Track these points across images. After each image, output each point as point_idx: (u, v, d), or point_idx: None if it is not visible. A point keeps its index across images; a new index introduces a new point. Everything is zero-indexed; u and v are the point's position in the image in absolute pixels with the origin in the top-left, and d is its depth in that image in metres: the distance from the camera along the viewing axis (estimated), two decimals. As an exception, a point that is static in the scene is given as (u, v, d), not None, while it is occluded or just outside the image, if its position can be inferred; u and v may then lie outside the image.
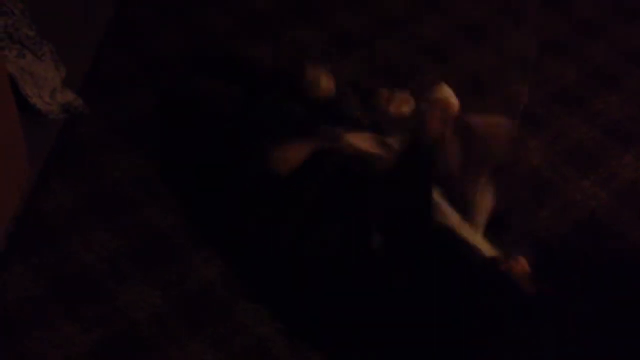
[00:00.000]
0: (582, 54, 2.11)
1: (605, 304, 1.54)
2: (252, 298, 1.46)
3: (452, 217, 1.34)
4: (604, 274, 1.60)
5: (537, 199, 1.72)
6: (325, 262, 1.33)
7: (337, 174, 1.37)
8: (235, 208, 1.51)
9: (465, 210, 1.37)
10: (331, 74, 1.54)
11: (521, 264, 1.28)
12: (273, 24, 2.08)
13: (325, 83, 1.51)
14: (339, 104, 1.54)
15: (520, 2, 2.24)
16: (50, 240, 1.52)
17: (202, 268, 1.50)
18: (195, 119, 1.77)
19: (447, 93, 1.34)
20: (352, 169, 1.37)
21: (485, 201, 1.39)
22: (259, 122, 1.50)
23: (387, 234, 1.29)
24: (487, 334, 1.30)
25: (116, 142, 1.72)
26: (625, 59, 2.12)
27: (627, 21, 2.23)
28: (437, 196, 1.35)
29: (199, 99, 1.81)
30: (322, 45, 2.03)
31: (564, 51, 2.11)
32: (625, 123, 1.93)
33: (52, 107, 1.64)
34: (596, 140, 1.87)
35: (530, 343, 1.42)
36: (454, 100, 1.32)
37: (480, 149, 1.38)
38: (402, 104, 1.54)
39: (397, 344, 1.29)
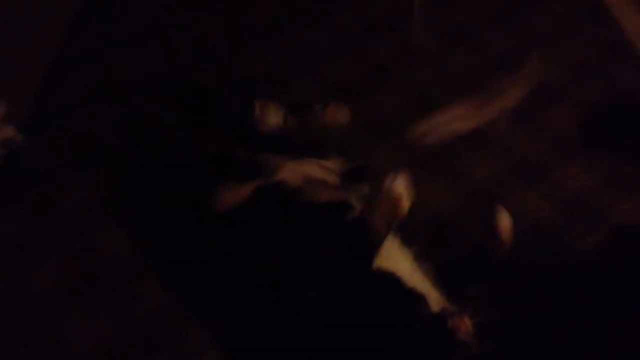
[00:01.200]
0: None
1: (552, 314, 1.57)
2: (202, 324, 1.47)
3: (402, 263, 1.34)
4: (551, 285, 1.63)
5: (482, 213, 1.74)
6: (267, 295, 1.35)
7: (276, 210, 1.38)
8: (180, 241, 1.53)
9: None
10: (280, 108, 1.53)
11: (465, 324, 1.28)
12: (223, 52, 2.10)
13: (274, 118, 1.51)
14: (282, 131, 1.56)
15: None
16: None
17: (151, 295, 1.50)
18: (146, 150, 1.79)
19: (402, 189, 1.32)
20: (290, 205, 1.38)
21: None
22: (203, 162, 1.52)
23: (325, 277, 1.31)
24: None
25: (63, 172, 1.72)
26: (568, 71, 2.17)
27: (570, 35, 2.29)
28: (389, 241, 1.36)
29: (151, 129, 1.83)
30: (273, 69, 2.05)
31: (507, 66, 2.15)
32: (569, 133, 1.97)
33: (-10, 144, 1.65)
34: (541, 152, 1.91)
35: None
36: (405, 202, 1.32)
37: None
38: (337, 114, 1.55)
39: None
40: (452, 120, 1.54)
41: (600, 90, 2.09)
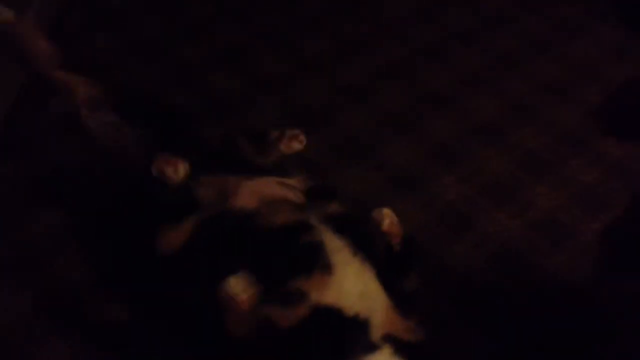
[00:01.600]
0: (498, 86, 2.18)
1: (521, 335, 1.57)
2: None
3: (349, 287, 1.28)
4: (521, 306, 1.63)
5: (453, 234, 1.74)
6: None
7: (227, 238, 1.35)
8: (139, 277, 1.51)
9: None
10: (183, 162, 1.47)
11: None
12: (198, 71, 2.09)
13: (172, 173, 1.45)
14: (236, 154, 1.54)
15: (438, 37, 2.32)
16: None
17: (116, 325, 1.48)
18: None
19: (236, 289, 1.24)
20: (243, 231, 1.35)
21: None
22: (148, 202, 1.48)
23: None
24: None
25: (30, 199, 1.70)
26: (540, 91, 2.19)
27: (540, 54, 2.31)
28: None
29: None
30: (242, 90, 2.05)
31: (480, 84, 2.17)
32: (539, 153, 1.98)
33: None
34: (511, 171, 1.92)
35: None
36: (241, 301, 1.24)
37: None
38: (292, 141, 1.54)
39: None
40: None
41: (570, 110, 2.11)
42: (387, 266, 1.35)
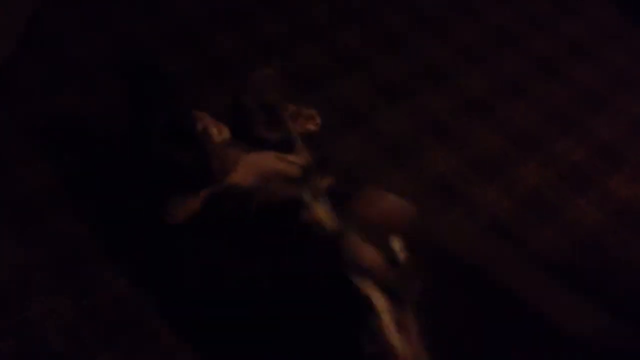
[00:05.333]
0: (491, 63, 2.21)
1: (501, 308, 1.62)
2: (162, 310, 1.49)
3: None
4: (505, 279, 1.68)
5: (442, 205, 1.79)
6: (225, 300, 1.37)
7: (227, 216, 1.39)
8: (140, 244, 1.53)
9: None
10: (226, 126, 1.49)
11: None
12: (198, 35, 2.09)
13: (216, 132, 1.47)
14: (244, 124, 1.54)
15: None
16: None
17: (112, 279, 1.51)
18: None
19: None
20: (241, 209, 1.39)
21: None
22: (153, 168, 1.47)
23: None
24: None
25: (28, 151, 1.69)
26: (533, 68, 2.22)
27: (537, 31, 2.34)
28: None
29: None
30: (244, 54, 2.05)
31: (473, 61, 2.20)
32: (530, 130, 2.03)
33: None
34: (501, 147, 1.96)
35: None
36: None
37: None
38: (308, 122, 1.56)
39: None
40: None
41: (562, 88, 2.15)
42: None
